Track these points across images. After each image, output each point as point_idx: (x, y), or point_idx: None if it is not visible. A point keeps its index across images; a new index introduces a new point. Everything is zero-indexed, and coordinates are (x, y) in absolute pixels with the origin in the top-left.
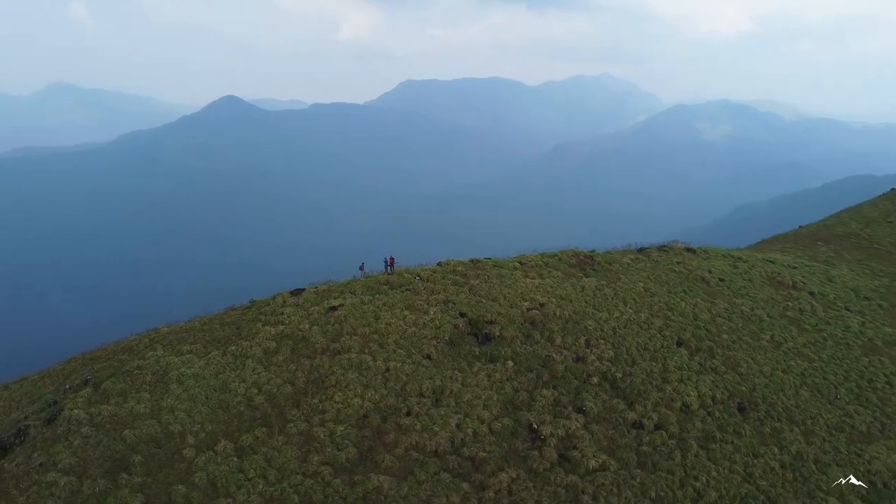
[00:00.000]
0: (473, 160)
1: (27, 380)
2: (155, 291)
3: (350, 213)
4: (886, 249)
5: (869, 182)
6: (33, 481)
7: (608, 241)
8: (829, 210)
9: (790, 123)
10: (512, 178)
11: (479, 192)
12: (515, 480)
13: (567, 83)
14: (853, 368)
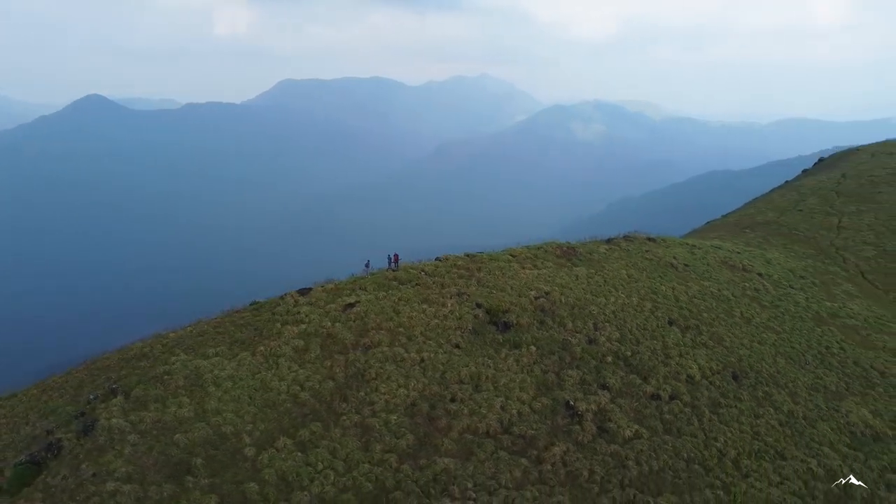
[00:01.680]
0: (358, 160)
1: (21, 394)
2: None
3: (228, 216)
4: (803, 234)
5: (728, 176)
6: (91, 492)
7: (496, 238)
8: (694, 204)
9: (657, 123)
10: (398, 178)
11: (366, 193)
12: (567, 452)
13: (448, 83)
14: (811, 338)
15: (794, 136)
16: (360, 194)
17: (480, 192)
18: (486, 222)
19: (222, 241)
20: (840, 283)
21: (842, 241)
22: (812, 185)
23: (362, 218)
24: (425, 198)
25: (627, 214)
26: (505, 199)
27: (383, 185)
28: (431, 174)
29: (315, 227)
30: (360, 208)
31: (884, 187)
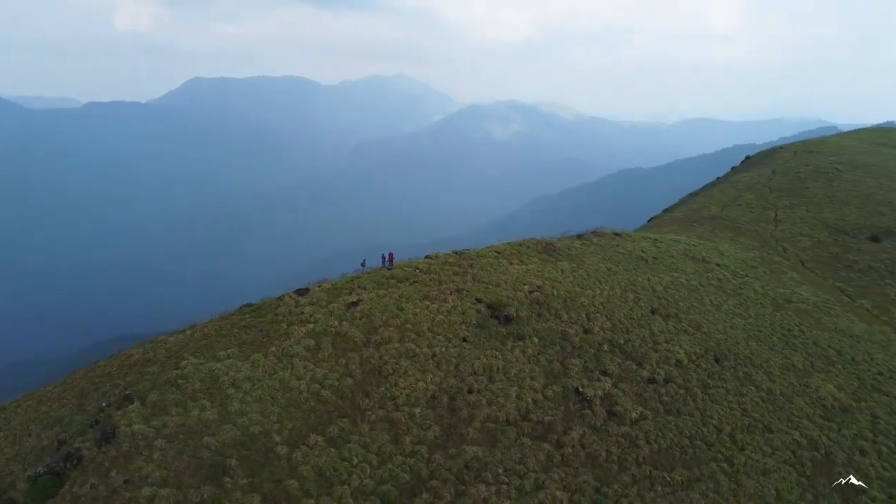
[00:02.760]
0: (275, 161)
1: (11, 407)
2: None
3: (134, 221)
4: (745, 227)
5: (639, 174)
6: (127, 499)
7: (418, 236)
8: (609, 201)
9: (569, 123)
10: (316, 179)
11: (283, 194)
12: (584, 436)
13: (364, 83)
14: (773, 322)
15: (697, 135)
16: (276, 195)
17: (401, 192)
18: (408, 222)
19: (128, 244)
20: (785, 271)
21: (780, 233)
22: (746, 181)
23: (280, 219)
24: (345, 198)
25: (545, 213)
26: (425, 199)
27: (301, 185)
28: (350, 174)
29: (232, 229)
30: (277, 210)
31: (810, 183)
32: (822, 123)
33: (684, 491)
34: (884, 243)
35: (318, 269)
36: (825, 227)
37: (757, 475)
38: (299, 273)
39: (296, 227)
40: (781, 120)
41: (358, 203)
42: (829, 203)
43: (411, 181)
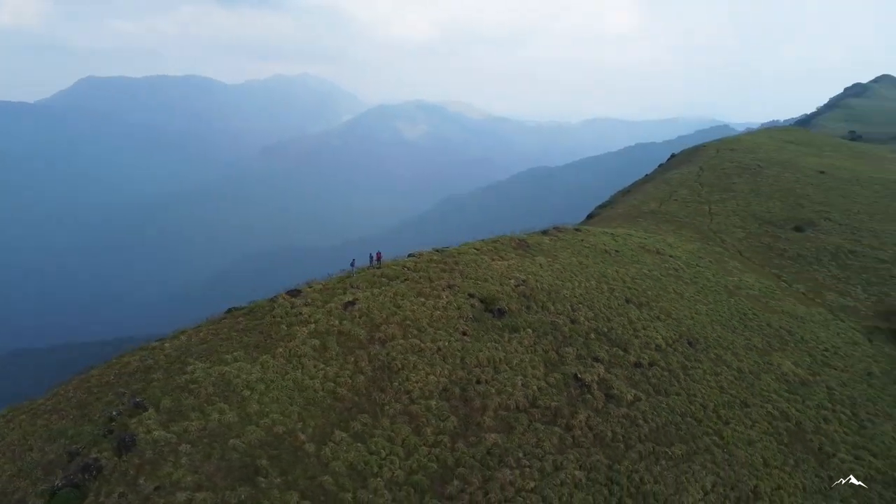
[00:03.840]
0: (177, 163)
1: (3, 422)
2: None
3: (20, 228)
4: (684, 221)
5: (547, 172)
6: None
7: (330, 238)
8: (519, 199)
9: (476, 122)
10: (223, 181)
11: (187, 197)
12: (589, 418)
13: (269, 82)
14: (730, 307)
15: (599, 134)
16: (180, 199)
17: (311, 193)
18: (320, 223)
19: (12, 253)
20: (727, 261)
21: (716, 226)
22: (678, 178)
23: (183, 224)
24: (254, 201)
25: (457, 211)
26: (336, 200)
27: (206, 188)
28: (259, 176)
29: (133, 234)
30: (180, 214)
31: (735, 178)
32: (715, 123)
33: (686, 463)
34: (807, 233)
35: (227, 277)
36: (755, 219)
37: (744, 445)
38: (207, 281)
39: (200, 231)
40: (677, 119)
41: (267, 205)
42: (755, 197)
43: (321, 182)
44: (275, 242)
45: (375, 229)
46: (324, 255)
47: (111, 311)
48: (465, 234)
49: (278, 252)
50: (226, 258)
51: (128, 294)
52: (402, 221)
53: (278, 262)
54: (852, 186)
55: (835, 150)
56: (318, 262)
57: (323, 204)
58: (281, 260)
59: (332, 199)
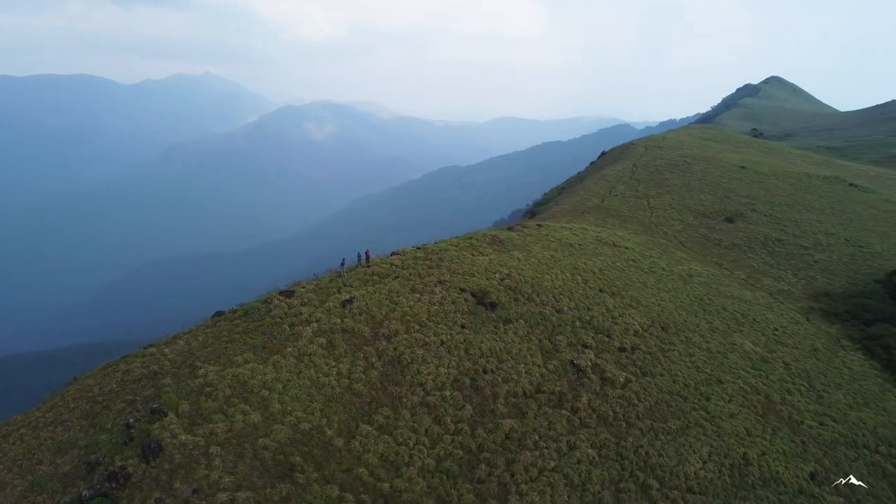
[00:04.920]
0: (67, 167)
1: (1, 437)
2: None
3: None
4: (627, 215)
5: (458, 171)
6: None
7: (242, 241)
8: (433, 197)
9: (386, 122)
10: (120, 185)
11: (81, 202)
12: (591, 400)
13: (168, 82)
14: (688, 293)
15: (506, 133)
16: (72, 203)
17: (219, 195)
18: (230, 225)
19: None
20: (673, 251)
21: (656, 219)
22: (614, 174)
23: (76, 230)
24: (157, 205)
25: (371, 210)
26: (245, 201)
27: (102, 192)
28: (161, 179)
29: (20, 240)
30: (72, 219)
31: (667, 174)
32: (616, 122)
33: (682, 437)
34: (737, 224)
35: (126, 286)
36: (690, 212)
37: (728, 418)
38: (103, 291)
39: (95, 237)
40: (580, 119)
41: (171, 209)
42: (687, 191)
43: (228, 184)
44: (180, 248)
45: (288, 231)
46: (235, 260)
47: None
48: (381, 233)
49: (184, 258)
50: (125, 266)
51: (13, 305)
52: (316, 222)
53: (184, 269)
54: (770, 180)
55: (747, 147)
56: (230, 268)
57: (230, 207)
58: (187, 267)
59: (241, 201)
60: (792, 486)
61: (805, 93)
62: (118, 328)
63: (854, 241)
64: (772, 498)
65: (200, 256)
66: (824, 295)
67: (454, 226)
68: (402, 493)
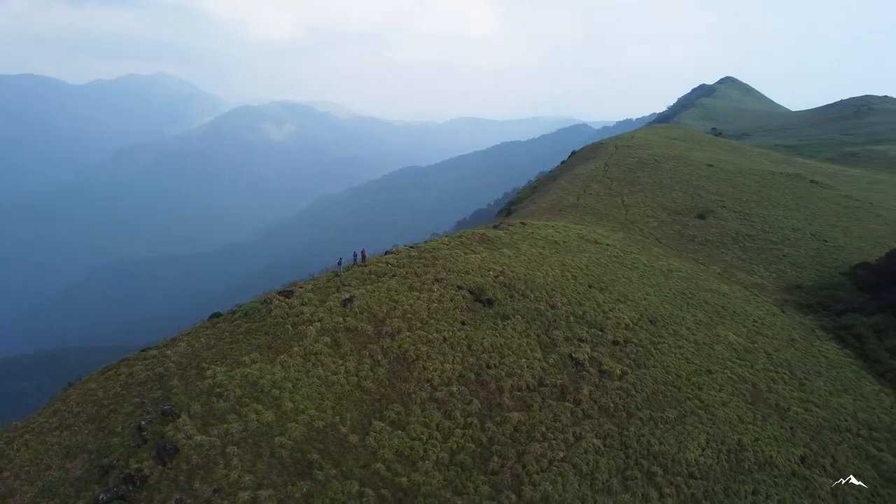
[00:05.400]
0: (17, 168)
1: (4, 444)
2: None
3: None
4: (603, 213)
5: (417, 172)
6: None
7: (202, 244)
8: (393, 197)
9: (344, 122)
10: (71, 187)
11: (29, 206)
12: (592, 392)
13: (120, 83)
14: (670, 288)
15: (466, 133)
16: (19, 208)
17: (175, 197)
18: (188, 228)
19: None
20: (651, 247)
21: (632, 216)
22: (587, 173)
23: (25, 235)
24: (110, 208)
25: (331, 211)
26: (203, 203)
27: (51, 195)
28: (115, 180)
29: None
30: (20, 224)
31: (639, 172)
32: (574, 121)
33: (680, 425)
34: (708, 220)
35: (80, 291)
36: (663, 209)
37: (720, 406)
38: (55, 298)
39: (44, 242)
40: (538, 119)
41: (126, 211)
42: (659, 189)
43: (184, 186)
44: (136, 252)
45: (247, 233)
46: (192, 262)
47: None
48: (341, 234)
49: (139, 261)
50: (79, 270)
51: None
52: (275, 223)
53: (139, 272)
54: (737, 177)
55: (711, 145)
56: (187, 271)
57: (187, 209)
58: (142, 270)
59: (198, 203)
60: (785, 469)
61: (757, 93)
62: (73, 333)
63: (819, 236)
64: (768, 481)
65: (156, 259)
66: (795, 287)
67: (415, 226)
68: (420, 486)
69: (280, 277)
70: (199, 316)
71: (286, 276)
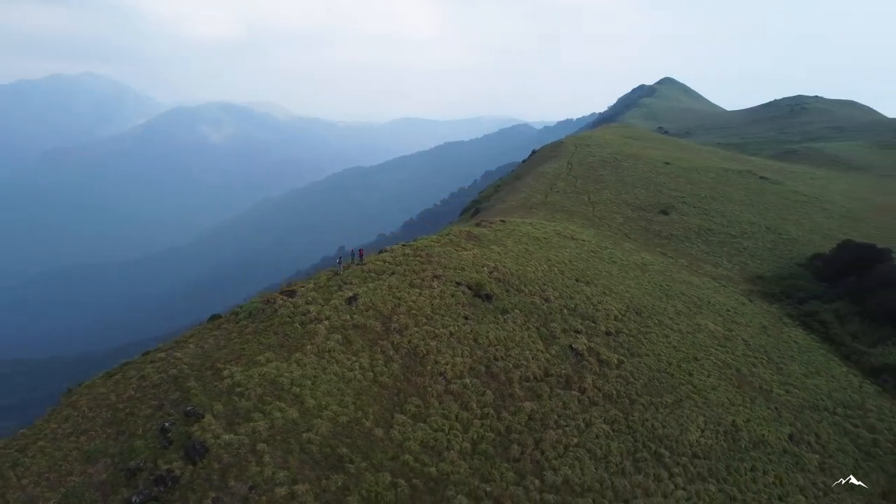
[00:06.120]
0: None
1: (17, 451)
2: None
3: None
4: (572, 210)
5: (362, 172)
6: (265, 502)
7: (135, 248)
8: (338, 198)
9: (285, 123)
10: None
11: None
12: (595, 381)
13: (45, 83)
14: (649, 280)
15: (408, 133)
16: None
17: (108, 202)
18: (123, 233)
19: None
20: (622, 242)
21: (599, 213)
22: (552, 172)
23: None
24: (36, 215)
25: (274, 213)
26: (136, 208)
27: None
28: (41, 184)
29: None
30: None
31: (601, 170)
32: (515, 121)
33: (678, 409)
34: (671, 216)
35: (12, 293)
36: (628, 206)
37: (711, 390)
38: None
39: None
40: (480, 118)
41: (55, 217)
42: (622, 186)
43: (118, 190)
44: (67, 258)
45: (187, 237)
46: (128, 269)
47: None
48: (286, 235)
49: (71, 269)
50: (7, 277)
51: None
52: (215, 227)
53: (71, 280)
54: (693, 174)
55: (664, 144)
56: (123, 277)
57: (123, 213)
58: (74, 278)
59: (134, 208)
60: (777, 447)
61: (695, 93)
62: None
63: (774, 229)
64: (763, 458)
65: (90, 265)
66: (758, 278)
67: (361, 227)
68: (450, 475)
69: (228, 281)
70: (143, 323)
71: (235, 279)
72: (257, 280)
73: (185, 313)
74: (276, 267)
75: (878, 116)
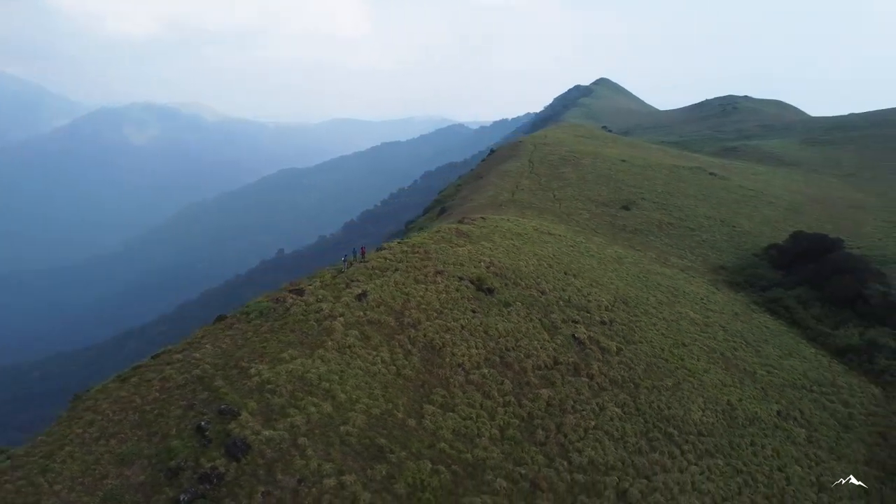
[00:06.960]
0: None
1: (44, 457)
2: None
3: None
4: (540, 207)
5: (296, 174)
6: (315, 493)
7: (56, 259)
8: (275, 200)
9: (213, 124)
10: None
11: None
12: (600, 367)
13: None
14: (627, 272)
15: (342, 134)
16: None
17: (22, 210)
18: (40, 242)
19: None
20: (592, 237)
21: (566, 209)
22: (514, 170)
23: None
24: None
25: (206, 216)
26: (56, 215)
27: None
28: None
29: None
30: None
31: (562, 168)
32: (448, 122)
33: (679, 391)
34: (633, 211)
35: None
36: (591, 202)
37: (704, 373)
38: None
39: None
40: (412, 119)
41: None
42: (584, 183)
43: (37, 196)
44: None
45: (114, 244)
46: (53, 277)
47: None
48: (220, 237)
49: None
50: None
51: None
52: (147, 231)
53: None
54: (649, 171)
55: (615, 143)
56: (52, 286)
57: (38, 222)
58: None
59: (50, 215)
60: (769, 422)
61: (628, 93)
62: None
63: (728, 222)
64: (759, 433)
65: (11, 273)
66: (721, 268)
67: (298, 228)
68: (486, 460)
69: (167, 284)
70: (75, 332)
71: (175, 282)
72: (196, 284)
73: (120, 320)
74: (214, 271)
75: (804, 115)
